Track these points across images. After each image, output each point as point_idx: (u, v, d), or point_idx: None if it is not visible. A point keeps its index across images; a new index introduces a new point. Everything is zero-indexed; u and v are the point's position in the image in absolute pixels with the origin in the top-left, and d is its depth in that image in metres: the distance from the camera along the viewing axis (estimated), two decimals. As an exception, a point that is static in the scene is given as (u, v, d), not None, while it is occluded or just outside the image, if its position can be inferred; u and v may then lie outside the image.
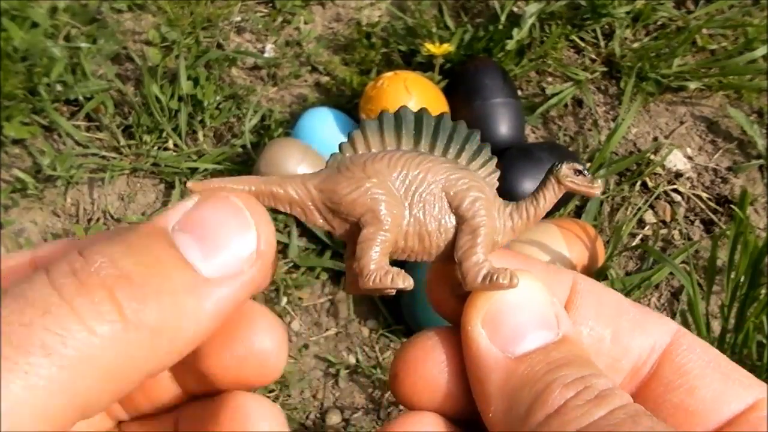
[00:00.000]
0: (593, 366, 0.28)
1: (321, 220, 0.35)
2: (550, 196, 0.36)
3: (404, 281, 0.33)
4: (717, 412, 0.30)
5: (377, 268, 0.34)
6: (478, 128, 0.34)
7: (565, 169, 0.36)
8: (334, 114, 1.06)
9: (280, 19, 1.25)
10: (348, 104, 1.11)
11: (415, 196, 0.35)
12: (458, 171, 0.35)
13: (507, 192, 0.96)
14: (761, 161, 1.06)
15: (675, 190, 1.05)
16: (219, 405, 0.30)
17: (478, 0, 1.20)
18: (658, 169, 1.05)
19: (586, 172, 0.36)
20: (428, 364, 0.32)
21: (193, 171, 1.08)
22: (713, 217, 1.02)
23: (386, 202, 0.34)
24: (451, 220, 0.35)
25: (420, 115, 0.36)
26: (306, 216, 0.35)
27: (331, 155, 0.35)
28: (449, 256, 0.35)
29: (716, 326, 0.90)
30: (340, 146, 0.36)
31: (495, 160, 0.36)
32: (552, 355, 0.29)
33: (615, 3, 1.14)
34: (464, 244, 0.34)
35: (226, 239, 0.28)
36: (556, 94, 1.12)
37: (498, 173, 0.36)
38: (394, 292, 0.34)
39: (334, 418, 0.91)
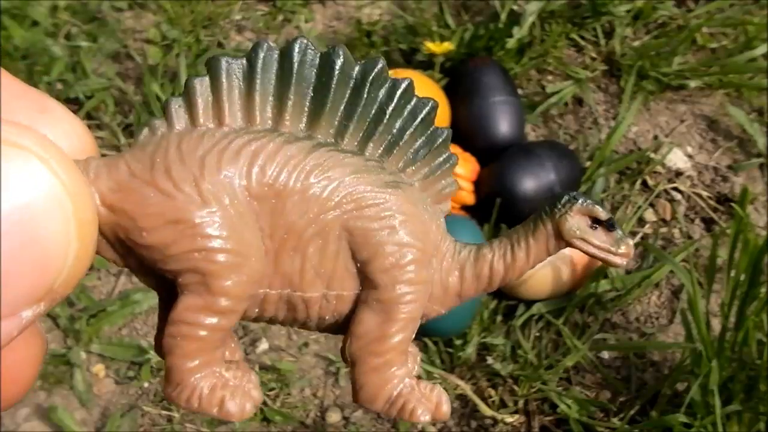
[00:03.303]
0: None
1: (112, 253, 0.20)
2: (538, 251, 0.22)
3: (243, 408, 0.19)
4: None
5: (198, 379, 0.19)
6: (479, 128, 0.22)
7: (576, 216, 0.21)
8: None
9: (280, 17, 1.25)
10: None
11: (291, 237, 0.19)
12: (379, 190, 0.20)
13: (506, 193, 0.96)
14: (761, 160, 1.06)
15: (675, 189, 1.05)
16: None
17: (478, -2, 1.20)
18: (659, 168, 1.05)
19: (612, 224, 0.22)
20: None
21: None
22: (713, 215, 1.02)
23: (229, 257, 0.19)
24: (350, 282, 0.20)
25: (330, 58, 0.20)
26: None
27: (147, 122, 0.21)
28: (340, 330, 0.22)
29: (716, 324, 0.90)
30: (166, 105, 0.20)
31: (453, 163, 0.22)
32: None
33: (615, 1, 1.14)
34: (366, 333, 0.20)
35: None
36: (557, 92, 1.12)
37: (455, 188, 0.22)
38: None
39: (334, 417, 0.91)
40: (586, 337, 0.92)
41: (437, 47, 1.06)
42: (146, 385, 0.94)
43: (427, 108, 0.21)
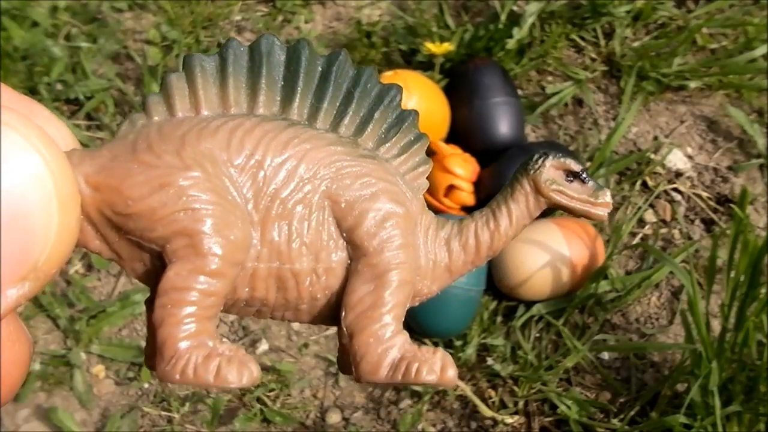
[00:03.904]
0: None
1: (97, 242, 0.20)
2: (520, 213, 0.22)
3: (241, 375, 0.19)
4: None
5: (191, 347, 0.19)
6: (479, 128, 0.23)
7: (551, 169, 0.22)
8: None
9: (280, 18, 1.25)
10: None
11: (274, 206, 0.20)
12: (357, 160, 0.21)
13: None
14: (761, 160, 1.06)
15: (675, 190, 1.05)
16: None
17: (478, -1, 1.20)
18: (659, 169, 1.05)
19: (585, 175, 0.22)
20: None
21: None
22: (713, 216, 1.02)
23: (215, 217, 0.19)
24: (338, 253, 0.21)
25: (296, 50, 0.21)
26: None
27: (127, 117, 0.21)
28: (333, 316, 0.21)
29: (716, 325, 0.90)
30: (146, 102, 0.21)
31: (425, 143, 0.23)
32: None
33: (615, 2, 1.14)
34: (360, 302, 0.20)
35: None
36: (557, 93, 1.12)
37: (429, 167, 0.23)
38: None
39: (334, 417, 0.91)
40: (586, 337, 0.92)
41: (437, 48, 1.06)
42: (146, 385, 0.94)
43: (393, 91, 0.22)
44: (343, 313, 0.20)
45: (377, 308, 0.20)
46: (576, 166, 0.22)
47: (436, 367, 0.20)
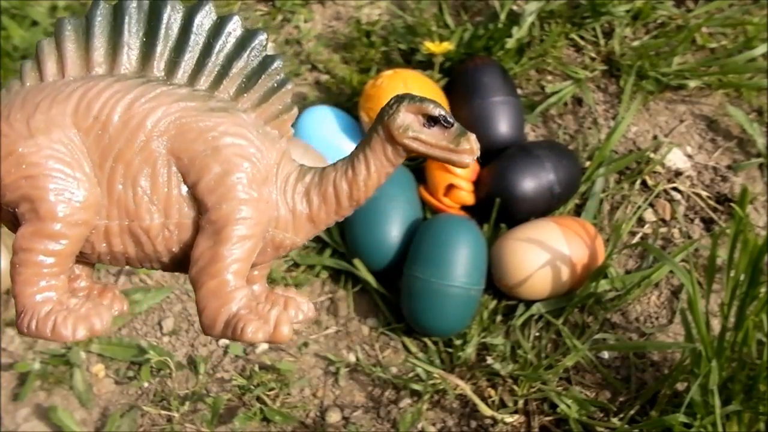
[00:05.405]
0: None
1: None
2: (378, 162, 0.21)
3: (75, 329, 0.19)
4: None
5: (36, 303, 0.20)
6: (479, 128, 0.21)
7: (406, 114, 0.21)
8: (334, 112, 1.06)
9: (279, 17, 1.25)
10: (348, 102, 1.11)
11: (119, 166, 0.20)
12: (204, 114, 0.20)
13: (505, 193, 0.96)
14: (761, 160, 1.06)
15: (675, 189, 1.05)
16: None
17: (477, -2, 1.20)
18: (658, 168, 1.05)
19: (446, 119, 0.21)
20: None
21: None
22: (713, 215, 1.02)
23: (55, 182, 0.20)
24: (187, 209, 0.21)
25: (157, 6, 0.21)
26: None
27: (7, 83, 0.22)
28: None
29: (716, 324, 0.90)
30: (21, 68, 0.22)
31: (289, 88, 0.22)
32: None
33: (615, 1, 1.14)
34: (201, 256, 0.20)
35: None
36: (556, 92, 1.12)
37: (293, 112, 0.22)
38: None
39: (333, 417, 0.91)
40: (585, 337, 0.92)
41: (436, 47, 1.06)
42: (146, 385, 0.94)
43: (257, 38, 0.22)
44: (190, 268, 0.21)
45: (215, 263, 0.20)
46: (435, 110, 0.21)
47: (267, 326, 0.20)
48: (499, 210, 0.95)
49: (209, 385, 0.93)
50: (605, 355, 0.93)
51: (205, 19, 0.21)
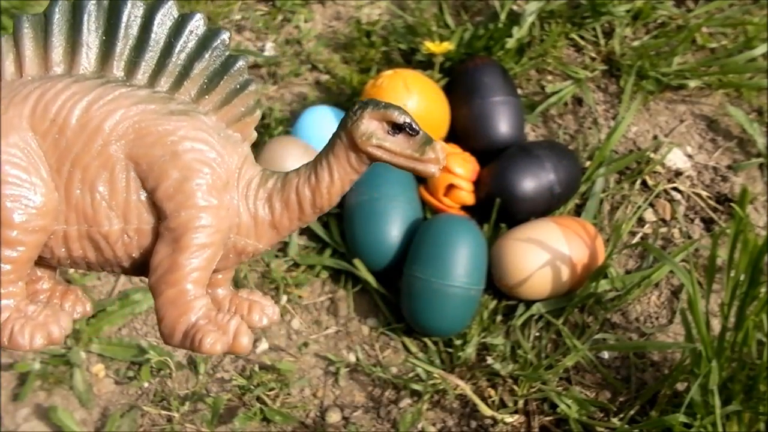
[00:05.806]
0: None
1: None
2: (342, 169, 0.21)
3: (33, 338, 0.19)
4: None
5: None
6: (479, 128, 0.20)
7: (370, 121, 0.20)
8: (334, 112, 1.06)
9: (280, 17, 1.25)
10: (348, 102, 1.11)
11: (77, 170, 0.20)
12: (163, 118, 0.20)
13: (505, 193, 0.96)
14: (761, 160, 1.06)
15: (675, 189, 1.05)
16: None
17: (478, -2, 1.20)
18: (658, 168, 1.05)
19: (411, 126, 0.20)
20: None
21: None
22: (713, 215, 1.02)
23: (10, 189, 0.19)
24: (146, 215, 0.20)
25: (117, 4, 0.20)
26: None
27: None
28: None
29: (716, 324, 0.90)
30: None
31: (253, 89, 0.21)
32: None
33: (615, 1, 1.14)
34: (160, 265, 0.20)
35: None
36: (556, 92, 1.12)
37: (257, 116, 0.22)
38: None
39: (333, 417, 0.91)
40: (585, 337, 0.92)
41: (437, 47, 1.06)
42: (146, 385, 0.94)
43: (219, 37, 0.21)
44: (150, 276, 0.20)
45: (174, 272, 0.20)
46: (400, 117, 0.20)
47: (226, 337, 0.19)
48: (499, 210, 0.95)
49: (209, 385, 0.93)
50: (605, 355, 0.93)
51: (166, 17, 0.20)
